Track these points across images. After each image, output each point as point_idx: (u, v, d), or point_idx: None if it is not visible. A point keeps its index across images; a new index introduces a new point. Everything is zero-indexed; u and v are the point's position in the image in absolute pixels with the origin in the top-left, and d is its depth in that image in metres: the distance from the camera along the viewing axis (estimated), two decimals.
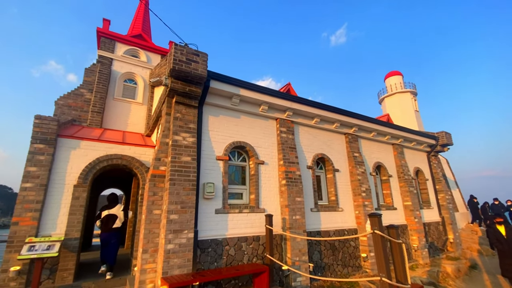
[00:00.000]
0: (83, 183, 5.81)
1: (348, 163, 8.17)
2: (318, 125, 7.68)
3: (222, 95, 6.07)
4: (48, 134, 5.64)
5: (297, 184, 6.41)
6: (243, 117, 6.48)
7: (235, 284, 5.29)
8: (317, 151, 7.58)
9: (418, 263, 8.60)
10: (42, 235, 5.30)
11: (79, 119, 8.19)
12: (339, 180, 7.79)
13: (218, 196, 5.56)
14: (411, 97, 18.67)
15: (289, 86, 9.00)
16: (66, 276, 5.30)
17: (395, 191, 9.37)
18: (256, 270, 4.98)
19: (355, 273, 7.04)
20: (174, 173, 4.90)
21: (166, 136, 5.40)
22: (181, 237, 4.65)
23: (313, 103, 7.27)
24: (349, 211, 7.66)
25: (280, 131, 6.81)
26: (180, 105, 5.46)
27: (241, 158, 6.49)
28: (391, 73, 19.96)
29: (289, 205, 6.12)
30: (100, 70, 8.77)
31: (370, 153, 9.11)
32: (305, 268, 5.90)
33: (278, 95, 6.66)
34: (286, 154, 6.58)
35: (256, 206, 5.97)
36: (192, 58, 5.08)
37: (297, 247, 5.93)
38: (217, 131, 5.98)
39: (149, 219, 4.86)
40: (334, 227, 7.14)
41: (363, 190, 7.75)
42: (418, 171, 10.97)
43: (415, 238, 8.92)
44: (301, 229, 6.13)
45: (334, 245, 6.96)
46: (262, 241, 5.82)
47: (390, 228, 3.42)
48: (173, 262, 4.48)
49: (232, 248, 5.43)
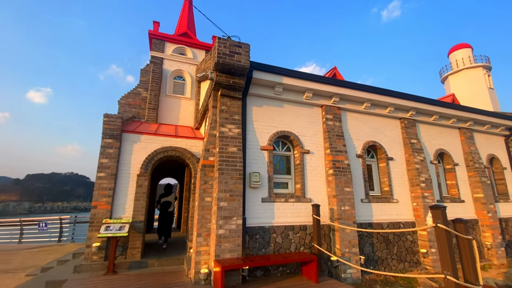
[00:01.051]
0: (144, 173, 6.50)
1: (404, 151, 7.46)
2: (369, 111, 7.14)
3: (265, 85, 6.06)
4: (114, 130, 6.41)
5: (345, 174, 6.13)
6: (286, 106, 6.39)
7: (283, 271, 5.39)
8: (368, 138, 7.08)
9: (492, 263, 7.52)
10: (115, 217, 6.13)
11: (138, 116, 9.11)
12: (394, 169, 7.18)
13: (264, 185, 5.66)
14: (483, 72, 15.95)
15: (335, 71, 8.51)
16: (135, 253, 6.08)
17: (462, 181, 8.26)
18: (304, 259, 4.98)
19: (413, 269, 6.51)
20: (222, 163, 5.13)
21: (214, 128, 5.66)
22: (231, 223, 4.89)
23: (362, 87, 6.77)
24: (405, 203, 7.05)
25: (326, 119, 6.53)
26: (225, 98, 5.63)
27: (285, 147, 6.45)
28: (457, 46, 17.26)
29: (337, 195, 5.90)
30: (153, 69, 9.55)
31: (431, 139, 8.14)
32: (356, 260, 5.68)
33: (323, 81, 6.36)
34: (333, 143, 6.31)
35: (302, 195, 5.91)
36: (235, 50, 5.15)
37: (346, 238, 5.73)
38: (261, 121, 6.03)
39: (202, 206, 5.21)
40: (388, 219, 6.66)
41: (422, 180, 7.03)
42: (493, 158, 9.44)
43: (488, 235, 7.80)
44: (351, 220, 5.88)
45: (388, 238, 6.52)
46: (309, 230, 5.77)
47: (457, 222, 3.04)
48: (224, 246, 4.76)
49: (279, 236, 5.51)
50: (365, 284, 5.44)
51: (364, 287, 5.26)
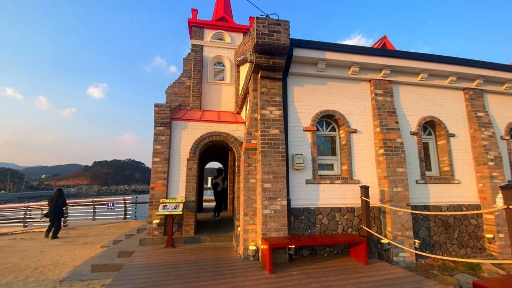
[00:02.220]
0: (193, 157, 6.94)
1: (469, 126, 6.58)
2: (425, 82, 6.39)
3: (306, 63, 5.81)
4: (164, 118, 6.89)
5: (398, 153, 5.69)
6: (330, 83, 6.06)
7: (330, 251, 5.37)
8: (424, 113, 6.39)
9: None
10: (170, 197, 6.74)
11: (183, 104, 9.61)
12: (455, 146, 6.42)
13: (308, 167, 5.58)
14: None
15: (385, 40, 7.71)
16: (189, 230, 6.66)
17: None
18: (352, 241, 4.88)
19: (476, 255, 5.91)
20: (265, 145, 5.18)
21: (255, 111, 5.68)
22: (276, 204, 4.98)
23: (417, 56, 6.04)
24: (468, 184, 6.32)
25: (375, 94, 6.05)
26: (265, 80, 5.57)
27: (330, 127, 6.21)
28: None
29: (388, 176, 5.54)
30: (194, 58, 9.85)
31: (502, 111, 7.01)
32: (409, 244, 5.36)
33: (371, 53, 5.84)
34: (383, 120, 5.86)
35: (349, 177, 5.69)
36: (274, 29, 4.99)
37: (399, 221, 5.41)
38: (303, 101, 5.85)
39: (247, 187, 5.39)
40: (447, 201, 6.08)
41: (490, 159, 6.17)
42: None
43: None
44: (404, 202, 5.50)
45: (447, 221, 5.98)
46: (358, 212, 5.58)
47: None
48: (270, 225, 4.90)
49: (325, 217, 5.46)
50: (420, 268, 5.13)
51: (419, 271, 4.97)
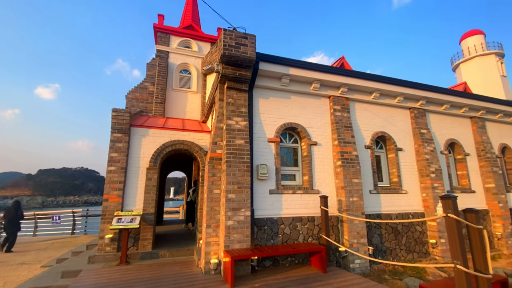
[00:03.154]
0: (153, 166, 6.60)
1: (414, 141, 7.35)
2: (378, 101, 7.03)
3: (271, 76, 6.01)
4: (123, 124, 6.49)
5: (354, 165, 6.09)
6: (293, 97, 6.34)
7: (291, 261, 5.46)
8: (377, 129, 6.99)
9: (502, 253, 7.45)
10: (126, 210, 6.28)
11: (145, 110, 9.19)
12: (403, 160, 7.10)
13: (272, 177, 5.68)
14: (496, 59, 15.44)
15: (343, 60, 8.36)
16: (146, 244, 6.24)
17: (473, 171, 8.12)
18: (312, 249, 5.03)
19: (422, 259, 6.50)
20: (230, 155, 5.16)
21: (220, 121, 5.67)
22: (239, 214, 4.95)
23: (371, 76, 6.64)
24: (414, 194, 6.99)
25: (334, 110, 6.46)
26: (231, 90, 5.62)
27: (292, 139, 6.43)
28: (469, 32, 16.69)
29: (345, 186, 5.89)
30: (159, 63, 9.56)
31: (441, 128, 7.99)
32: (364, 250, 5.70)
33: (331, 71, 6.27)
34: (341, 134, 6.26)
35: (310, 187, 5.92)
36: (241, 42, 5.10)
37: (355, 229, 5.74)
38: (268, 113, 6.01)
39: (210, 198, 5.28)
40: (396, 210, 6.64)
41: (432, 171, 6.94)
42: (505, 148, 9.23)
43: (498, 225, 7.70)
44: (359, 211, 5.87)
45: (396, 229, 6.51)
46: (317, 221, 5.80)
47: (468, 212, 3.01)
48: (233, 237, 4.83)
49: (287, 227, 5.56)
50: (374, 274, 5.47)
51: (372, 276, 5.28)
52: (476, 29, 16.50)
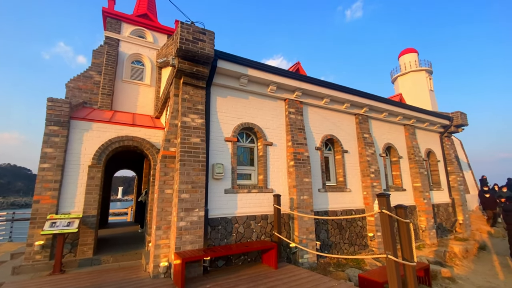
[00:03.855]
0: (97, 164, 6.01)
1: (358, 144, 8.08)
2: (328, 106, 7.54)
3: (230, 75, 5.99)
4: (61, 116, 5.77)
5: (305, 165, 6.43)
6: (251, 98, 6.42)
7: (244, 259, 5.52)
8: (326, 132, 7.50)
9: (425, 243, 8.68)
10: (62, 212, 5.59)
11: (89, 102, 8.32)
12: (348, 161, 7.75)
13: (227, 176, 5.67)
14: (426, 75, 17.91)
15: (299, 66, 8.75)
16: (86, 250, 5.65)
17: (405, 172, 9.28)
18: (265, 247, 5.16)
19: (361, 251, 7.20)
20: (184, 154, 4.99)
21: (175, 117, 5.44)
22: (192, 215, 4.82)
23: (322, 83, 7.10)
24: (357, 192, 7.69)
25: (288, 112, 6.73)
26: (187, 86, 5.43)
27: (249, 139, 6.51)
28: (406, 50, 19.04)
29: (297, 185, 6.18)
30: (107, 51, 8.74)
31: (381, 134, 8.95)
32: (312, 246, 6.07)
33: (287, 75, 6.52)
34: (294, 135, 6.55)
35: (264, 186, 6.06)
36: (199, 37, 4.97)
37: (304, 226, 6.07)
38: (226, 112, 5.97)
39: (161, 198, 5.03)
40: (341, 207, 7.22)
41: (372, 171, 7.72)
42: (430, 152, 10.77)
43: (423, 219, 8.95)
44: (309, 208, 6.23)
45: (341, 224, 7.08)
46: (270, 219, 5.97)
47: (398, 208, 3.43)
48: (185, 238, 4.69)
49: (241, 226, 5.61)
50: (320, 267, 5.86)
51: (319, 270, 5.66)
52: (412, 48, 18.89)
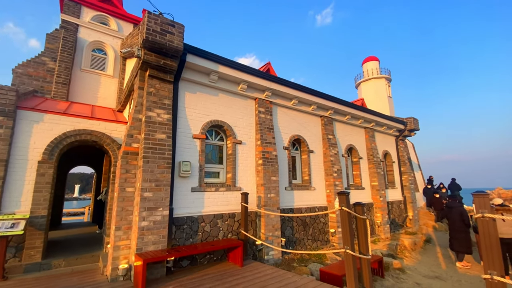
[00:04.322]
0: (48, 159, 5.47)
1: (323, 145, 8.46)
2: (296, 107, 7.77)
3: (200, 71, 5.86)
4: (6, 105, 5.14)
5: (273, 164, 6.56)
6: (221, 95, 6.35)
7: (210, 258, 5.47)
8: (294, 132, 7.73)
9: (380, 237, 9.42)
10: (5, 212, 5.00)
11: (41, 91, 7.53)
12: (313, 161, 8.08)
13: (195, 174, 5.55)
14: (385, 83, 19.34)
15: (269, 66, 8.88)
16: (33, 254, 5.12)
17: (364, 172, 9.95)
18: (231, 245, 5.17)
19: (324, 246, 7.57)
20: (148, 150, 4.78)
21: (139, 111, 5.18)
22: (156, 214, 4.64)
23: (291, 84, 7.29)
24: (321, 190, 8.06)
25: (258, 111, 6.80)
26: (154, 79, 5.20)
27: (218, 137, 6.45)
28: (369, 58, 20.37)
29: (264, 184, 6.29)
30: (64, 36, 7.98)
31: (344, 135, 9.48)
32: (278, 242, 6.23)
33: (258, 74, 6.57)
34: (263, 135, 6.64)
35: (232, 184, 6.06)
36: (167, 29, 4.78)
37: (270, 223, 6.20)
38: (194, 108, 5.84)
39: (122, 197, 4.76)
40: (306, 204, 7.51)
41: (334, 171, 8.15)
42: (387, 154, 11.68)
43: (379, 215, 9.69)
44: (275, 206, 6.38)
45: (305, 221, 7.37)
46: (238, 217, 6.00)
47: (357, 205, 3.67)
48: (148, 238, 4.50)
49: (208, 224, 5.55)
50: (285, 263, 6.04)
51: (283, 266, 5.83)
52: (373, 56, 20.27)
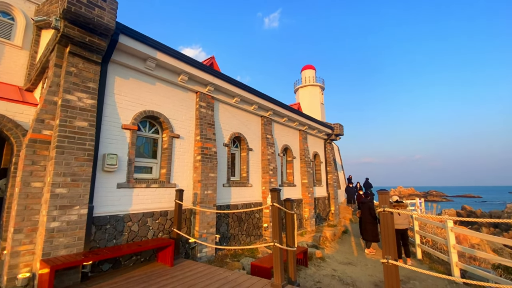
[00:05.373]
0: None
1: (261, 144, 8.78)
2: (238, 105, 7.84)
3: (135, 55, 5.33)
4: None
5: (212, 161, 6.47)
6: (159, 84, 5.91)
7: (136, 260, 5.05)
8: (235, 130, 7.78)
9: (307, 230, 10.34)
10: None
11: None
12: (252, 158, 8.31)
13: (122, 169, 5.03)
14: (319, 90, 21.28)
15: (213, 60, 8.71)
16: None
17: (296, 170, 10.75)
18: (161, 245, 4.88)
19: (257, 241, 7.87)
20: (64, 139, 4.09)
21: (54, 93, 4.39)
22: (71, 213, 4.02)
23: (235, 82, 7.31)
24: (257, 187, 8.35)
25: (199, 106, 6.59)
26: (76, 58, 4.48)
27: (153, 129, 5.99)
28: (306, 66, 22.06)
29: (202, 180, 6.15)
30: None
31: (281, 136, 10.04)
32: (212, 239, 6.18)
33: (200, 67, 6.36)
34: (204, 130, 6.48)
35: (166, 181, 5.72)
36: (97, 3, 4.18)
37: (206, 220, 6.11)
38: (125, 96, 5.28)
39: (25, 193, 3.97)
40: (242, 201, 7.67)
41: (271, 169, 8.55)
42: (316, 155, 12.89)
43: (307, 210, 10.62)
44: (212, 203, 6.31)
45: (241, 217, 7.52)
46: (171, 215, 5.70)
47: (286, 201, 3.93)
48: (58, 241, 3.86)
49: (136, 224, 5.11)
50: (218, 259, 6.04)
51: (216, 262, 5.82)
52: (311, 64, 22.07)
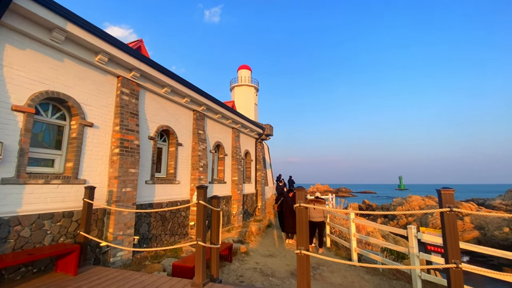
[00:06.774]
0: None
1: (192, 139, 8.46)
2: (168, 96, 7.33)
3: (37, 22, 4.34)
4: None
5: (133, 155, 5.85)
6: (69, 61, 4.98)
7: (26, 271, 4.14)
8: (163, 122, 7.25)
9: (234, 226, 10.53)
10: None
11: None
12: (181, 154, 7.92)
13: (10, 160, 4.04)
14: (254, 91, 21.96)
15: (141, 43, 7.88)
16: None
17: (227, 168, 10.81)
18: (61, 251, 4.13)
19: (181, 240, 7.55)
20: None
21: None
22: None
23: (165, 70, 6.79)
24: (185, 184, 8.01)
25: (121, 92, 5.86)
26: None
27: (59, 114, 5.02)
28: (243, 66, 22.46)
29: (119, 176, 5.49)
30: None
31: (213, 132, 9.90)
32: (129, 241, 5.60)
33: (124, 49, 5.64)
34: (124, 120, 5.79)
35: (73, 176, 4.88)
36: None
37: (122, 221, 5.49)
38: (20, 70, 4.25)
39: None
40: (168, 199, 7.22)
41: (201, 165, 8.34)
42: (247, 153, 13.26)
43: (235, 206, 10.81)
44: (131, 202, 5.71)
45: (165, 216, 7.07)
46: (77, 217, 4.90)
47: (213, 198, 3.89)
48: None
49: (27, 228, 4.18)
50: (135, 263, 5.52)
51: (133, 266, 5.31)
52: (247, 65, 22.57)
